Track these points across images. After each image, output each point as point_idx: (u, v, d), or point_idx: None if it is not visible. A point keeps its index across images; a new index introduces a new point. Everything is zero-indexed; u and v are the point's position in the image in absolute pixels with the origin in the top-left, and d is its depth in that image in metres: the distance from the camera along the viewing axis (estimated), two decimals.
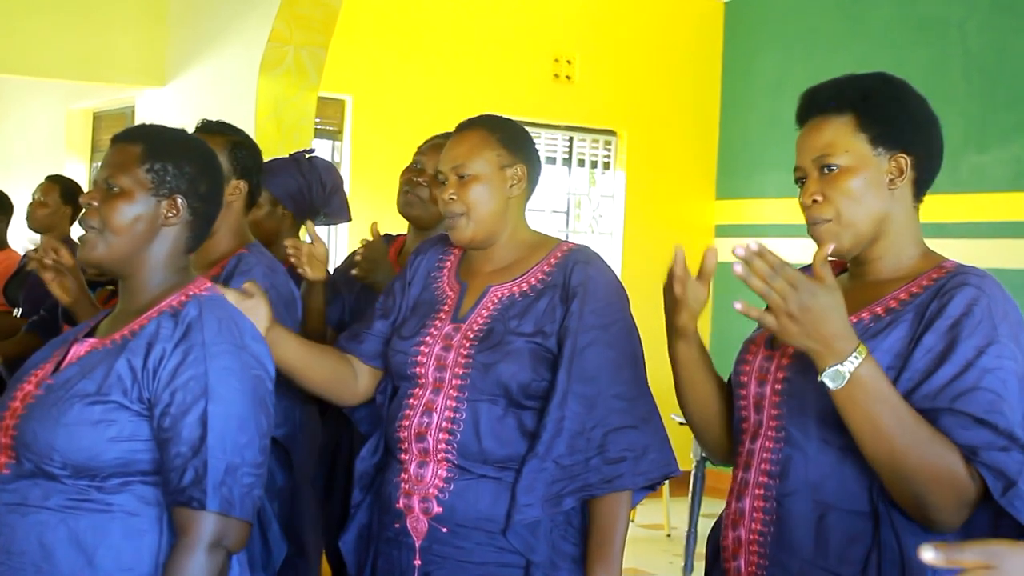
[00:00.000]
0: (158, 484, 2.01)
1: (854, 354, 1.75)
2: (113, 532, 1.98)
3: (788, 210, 8.17)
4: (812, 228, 1.97)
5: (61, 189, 5.22)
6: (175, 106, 6.79)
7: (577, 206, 8.29)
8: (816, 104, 2.00)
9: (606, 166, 8.28)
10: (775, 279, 1.73)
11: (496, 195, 2.50)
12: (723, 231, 8.40)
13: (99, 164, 8.07)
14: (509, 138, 2.55)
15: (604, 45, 7.98)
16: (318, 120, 6.39)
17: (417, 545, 2.41)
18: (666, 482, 2.42)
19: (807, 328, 1.74)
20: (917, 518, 1.82)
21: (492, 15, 7.59)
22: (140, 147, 2.13)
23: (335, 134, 7.19)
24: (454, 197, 2.49)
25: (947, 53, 7.06)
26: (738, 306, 1.75)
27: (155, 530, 2.01)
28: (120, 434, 1.98)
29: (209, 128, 2.96)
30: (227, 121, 3.00)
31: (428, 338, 2.47)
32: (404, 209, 3.32)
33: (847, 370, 1.75)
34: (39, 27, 6.73)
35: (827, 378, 1.76)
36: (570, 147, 8.16)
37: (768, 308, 1.78)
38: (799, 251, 2.23)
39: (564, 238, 2.68)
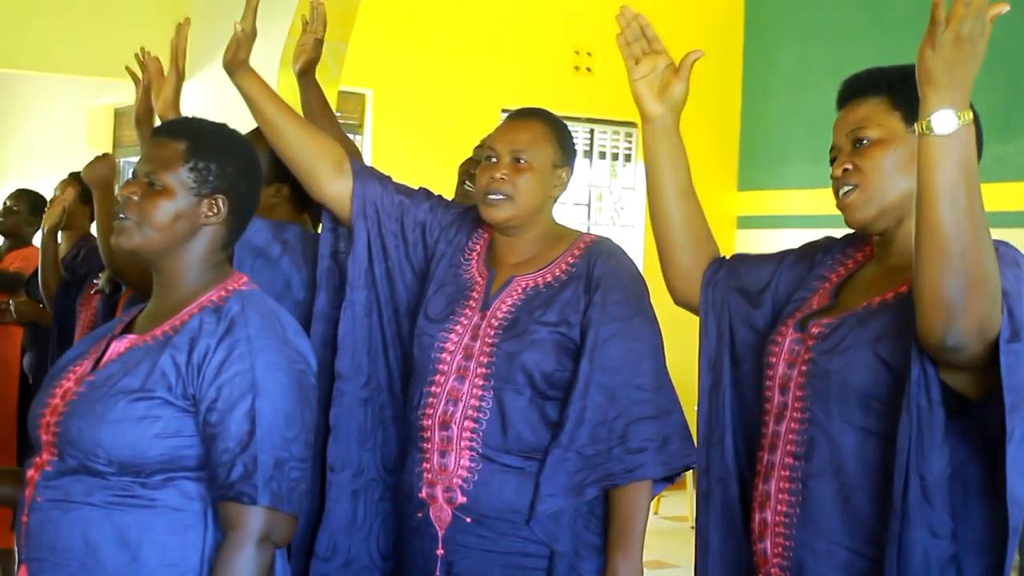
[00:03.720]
0: (202, 479, 2.01)
1: (967, 110, 1.69)
2: (157, 528, 1.98)
3: (810, 201, 8.16)
4: (840, 200, 1.99)
5: (80, 188, 5.20)
6: (195, 102, 6.78)
7: (598, 199, 8.28)
8: (855, 88, 2.03)
9: (627, 158, 8.26)
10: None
11: (542, 190, 2.52)
12: (745, 223, 8.37)
13: (121, 160, 8.11)
14: (565, 141, 2.58)
15: None
16: (339, 114, 6.39)
17: (440, 535, 2.42)
18: (689, 474, 2.42)
19: (960, 58, 1.66)
20: (935, 336, 1.72)
21: (512, 7, 7.59)
22: (184, 144, 2.09)
23: (356, 128, 7.20)
24: (505, 177, 2.48)
25: None
26: None
27: (200, 525, 2.00)
28: (165, 430, 1.98)
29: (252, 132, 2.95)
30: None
31: (458, 327, 2.48)
32: (461, 201, 3.29)
33: (965, 118, 1.68)
34: (59, 24, 6.78)
35: (939, 119, 1.68)
36: (591, 139, 8.15)
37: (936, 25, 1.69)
38: None
39: (586, 231, 2.68)
